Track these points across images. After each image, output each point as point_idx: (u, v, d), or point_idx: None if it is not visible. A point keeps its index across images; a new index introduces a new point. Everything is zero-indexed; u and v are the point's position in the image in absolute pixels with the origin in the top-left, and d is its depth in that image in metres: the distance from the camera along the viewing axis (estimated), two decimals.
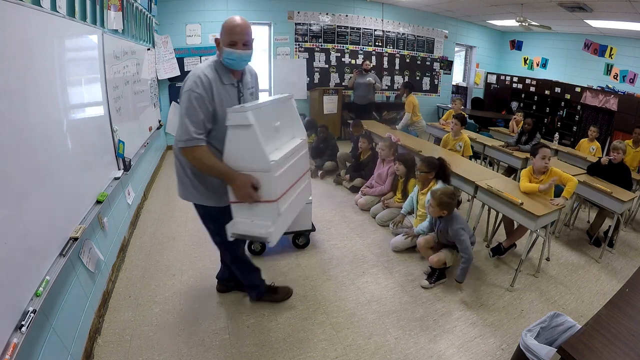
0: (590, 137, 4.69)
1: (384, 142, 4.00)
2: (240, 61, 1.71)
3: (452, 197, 2.58)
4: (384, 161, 3.98)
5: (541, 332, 1.84)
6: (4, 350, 1.16)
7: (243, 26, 1.68)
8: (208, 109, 1.65)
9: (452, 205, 2.57)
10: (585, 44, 7.04)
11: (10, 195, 1.29)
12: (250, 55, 1.74)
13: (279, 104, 1.91)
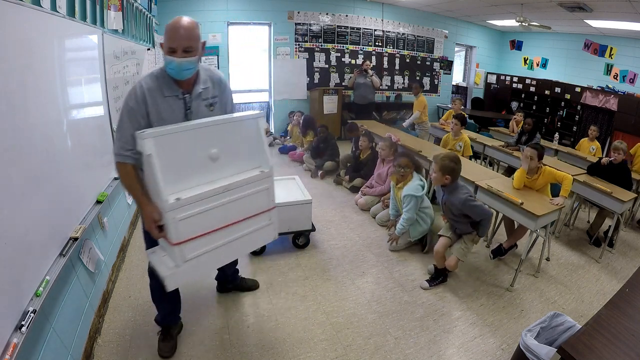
0: (590, 136, 4.69)
1: (384, 141, 4.00)
2: (181, 70, 1.45)
3: (456, 161, 2.42)
4: (384, 161, 3.98)
5: (541, 332, 1.84)
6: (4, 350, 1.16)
7: (186, 29, 1.42)
8: (140, 124, 1.46)
9: (456, 171, 2.41)
10: (585, 44, 7.04)
11: (10, 195, 1.29)
12: (194, 63, 1.47)
13: (230, 126, 1.53)
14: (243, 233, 1.58)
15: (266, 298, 2.46)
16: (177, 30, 1.41)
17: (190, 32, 1.43)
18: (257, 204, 1.59)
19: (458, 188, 2.47)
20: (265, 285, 2.60)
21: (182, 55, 1.42)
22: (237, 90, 6.46)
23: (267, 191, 1.60)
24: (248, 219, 1.57)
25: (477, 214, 2.41)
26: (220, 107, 1.67)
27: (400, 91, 7.77)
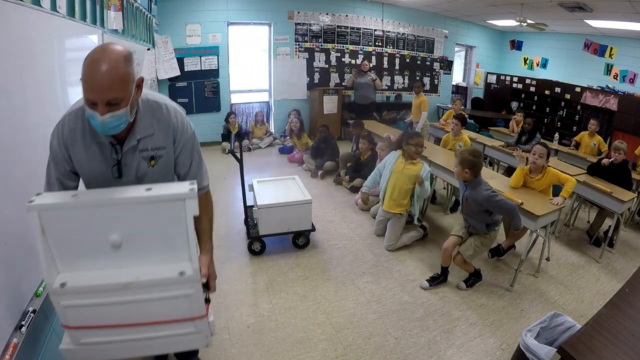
0: (590, 130, 4.61)
1: (383, 142, 4.00)
2: (105, 129, 1.03)
3: (476, 155, 2.37)
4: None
5: (541, 332, 1.84)
6: (4, 350, 1.16)
7: (106, 74, 0.98)
8: (65, 169, 1.18)
9: (477, 165, 2.36)
10: (585, 44, 7.04)
11: (10, 195, 1.29)
12: (123, 117, 1.04)
13: (140, 208, 1.08)
14: (154, 336, 1.21)
15: (266, 298, 2.46)
16: (93, 78, 0.99)
17: (113, 77, 0.99)
18: (174, 310, 1.18)
19: (481, 184, 2.41)
20: (265, 285, 2.60)
21: (105, 110, 1.00)
22: (237, 90, 6.46)
23: (189, 298, 1.16)
24: (161, 324, 1.19)
25: (503, 210, 2.38)
26: (166, 163, 1.21)
27: (400, 91, 7.77)
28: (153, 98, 1.19)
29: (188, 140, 1.25)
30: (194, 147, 1.27)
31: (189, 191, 1.08)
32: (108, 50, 1.01)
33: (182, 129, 1.23)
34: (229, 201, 4.03)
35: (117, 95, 1.01)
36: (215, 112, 6.21)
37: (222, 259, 2.90)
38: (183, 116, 1.25)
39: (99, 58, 0.99)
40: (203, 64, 5.97)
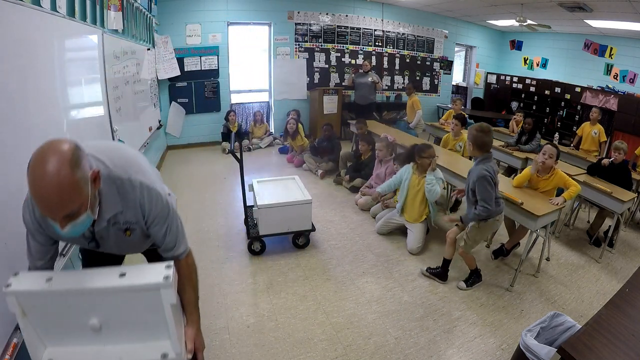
0: (592, 119, 4.58)
1: (381, 142, 4.00)
2: (71, 234, 0.97)
3: (485, 131, 2.33)
4: (382, 161, 3.98)
5: (541, 332, 1.83)
6: (4, 350, 1.16)
7: (55, 194, 0.87)
8: (44, 238, 1.13)
9: (480, 140, 2.32)
10: (585, 44, 7.04)
11: (10, 195, 1.29)
12: (85, 221, 0.97)
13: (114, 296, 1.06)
14: None
15: (266, 298, 2.46)
16: (41, 197, 0.87)
17: (62, 193, 0.87)
18: None
19: (485, 161, 2.35)
20: (265, 285, 2.60)
21: (64, 222, 0.92)
22: (237, 90, 6.46)
23: None
24: None
25: (480, 196, 2.32)
26: (142, 232, 1.21)
27: (400, 91, 7.77)
28: (116, 173, 1.08)
29: (159, 214, 1.16)
30: (167, 217, 1.19)
31: (163, 280, 1.04)
32: (49, 160, 0.86)
33: (151, 205, 1.14)
34: (229, 201, 4.03)
35: (72, 208, 0.91)
36: (215, 112, 6.21)
37: (222, 259, 2.90)
38: (150, 189, 1.13)
39: (42, 175, 0.85)
40: (203, 64, 5.97)
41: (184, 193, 4.25)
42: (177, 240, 1.26)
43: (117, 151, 1.18)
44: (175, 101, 5.90)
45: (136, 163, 1.18)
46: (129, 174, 1.10)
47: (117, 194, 1.09)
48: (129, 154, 1.22)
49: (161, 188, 1.20)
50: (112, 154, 1.13)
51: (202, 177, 4.83)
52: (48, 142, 0.90)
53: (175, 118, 5.96)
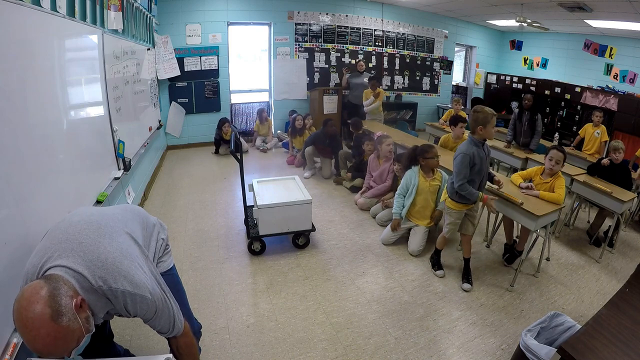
0: (595, 121, 4.56)
1: (386, 140, 3.92)
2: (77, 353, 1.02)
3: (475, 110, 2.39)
4: (380, 159, 3.95)
5: (541, 332, 1.83)
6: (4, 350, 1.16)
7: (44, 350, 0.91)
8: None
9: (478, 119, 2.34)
10: (585, 44, 7.04)
11: (10, 195, 1.29)
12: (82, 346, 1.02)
13: None
14: None
15: (266, 298, 2.46)
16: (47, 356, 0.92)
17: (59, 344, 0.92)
18: None
19: (474, 143, 2.39)
20: (265, 285, 2.60)
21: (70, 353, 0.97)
22: (237, 90, 6.46)
23: None
24: None
25: (454, 169, 2.41)
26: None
27: (400, 91, 7.78)
28: (97, 285, 1.06)
29: (147, 314, 1.17)
30: (155, 313, 1.19)
31: None
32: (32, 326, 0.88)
33: (136, 309, 1.14)
34: (229, 201, 4.04)
35: (73, 346, 0.96)
36: (215, 112, 6.21)
37: (222, 259, 2.90)
38: (133, 295, 1.11)
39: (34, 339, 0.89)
40: (203, 64, 5.97)
41: (184, 193, 4.25)
42: (170, 325, 1.27)
43: (94, 254, 1.10)
44: (175, 101, 5.90)
45: (115, 264, 1.11)
46: (109, 284, 1.08)
47: (105, 298, 1.09)
48: (108, 254, 1.12)
49: (145, 287, 1.14)
50: (89, 258, 1.08)
51: (202, 177, 4.84)
52: (21, 304, 0.90)
53: (175, 118, 5.96)
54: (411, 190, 3.14)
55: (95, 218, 1.21)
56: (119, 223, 1.25)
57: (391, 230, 3.20)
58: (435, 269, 2.82)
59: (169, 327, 1.28)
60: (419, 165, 3.16)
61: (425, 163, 3.09)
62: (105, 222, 1.21)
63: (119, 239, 1.18)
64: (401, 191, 3.21)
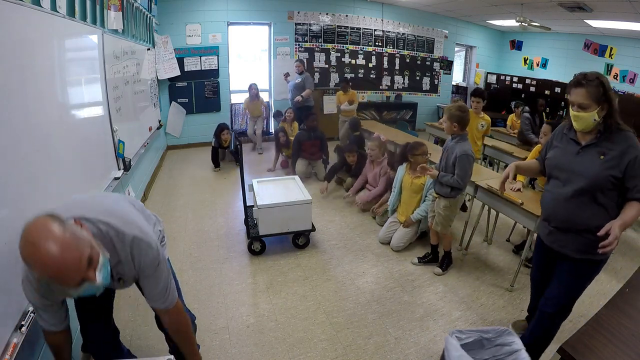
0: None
1: (372, 142, 3.89)
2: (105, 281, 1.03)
3: (463, 110, 2.51)
4: (374, 162, 3.86)
5: (485, 344, 1.73)
6: (4, 350, 1.16)
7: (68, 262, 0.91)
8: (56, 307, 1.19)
9: (464, 120, 2.50)
10: (585, 44, 7.04)
11: (10, 195, 1.29)
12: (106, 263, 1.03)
13: None
14: None
15: (266, 298, 2.46)
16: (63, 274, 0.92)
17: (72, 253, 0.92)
18: None
19: (466, 141, 2.52)
20: (265, 285, 2.60)
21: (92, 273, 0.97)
22: (237, 90, 6.45)
23: None
24: None
25: (459, 172, 2.45)
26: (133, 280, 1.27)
27: (400, 91, 7.78)
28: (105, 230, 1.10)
29: (150, 264, 1.18)
30: (157, 268, 1.20)
31: None
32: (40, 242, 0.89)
33: (140, 256, 1.16)
34: (229, 201, 4.03)
35: (87, 257, 0.95)
36: (216, 112, 6.21)
37: (222, 259, 2.90)
38: (140, 240, 1.15)
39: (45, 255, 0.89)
40: (203, 64, 5.97)
41: (184, 193, 4.25)
42: (166, 292, 1.26)
43: (102, 206, 1.18)
44: (175, 101, 5.90)
45: (120, 213, 1.17)
46: (117, 228, 1.11)
47: (113, 247, 1.11)
48: (112, 205, 1.23)
49: (151, 237, 1.19)
50: (97, 210, 1.15)
51: (202, 177, 4.84)
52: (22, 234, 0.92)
53: (175, 118, 5.96)
54: (397, 182, 3.26)
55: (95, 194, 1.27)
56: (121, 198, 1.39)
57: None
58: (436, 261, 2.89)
59: (163, 295, 1.26)
60: (408, 161, 3.18)
61: (413, 160, 3.09)
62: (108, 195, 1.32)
63: (124, 204, 1.31)
64: (394, 184, 3.34)
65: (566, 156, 1.64)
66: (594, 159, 1.53)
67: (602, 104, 1.49)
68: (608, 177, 1.49)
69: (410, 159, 3.13)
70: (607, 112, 1.50)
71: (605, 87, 1.47)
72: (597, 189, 1.52)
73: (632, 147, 1.48)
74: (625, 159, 1.47)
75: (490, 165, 4.99)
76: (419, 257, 2.95)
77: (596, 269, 1.77)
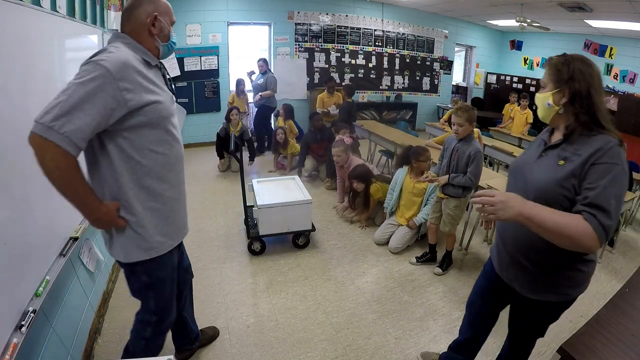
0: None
1: (337, 147, 3.67)
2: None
3: (473, 107, 2.58)
4: (342, 167, 3.74)
5: None
6: (4, 350, 1.16)
7: None
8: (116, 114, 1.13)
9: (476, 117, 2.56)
10: (585, 44, 7.04)
11: (10, 196, 1.29)
12: None
13: None
14: None
15: (266, 298, 2.46)
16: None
17: None
18: None
19: (474, 140, 2.54)
20: (265, 285, 2.60)
21: None
22: None
23: None
24: None
25: (474, 170, 2.46)
26: None
27: (400, 91, 7.78)
28: None
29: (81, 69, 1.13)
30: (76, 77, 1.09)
31: None
32: None
33: None
34: (229, 201, 4.03)
35: None
36: (216, 112, 6.21)
37: (222, 259, 2.90)
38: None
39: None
40: (203, 64, 5.97)
41: None
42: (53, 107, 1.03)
43: None
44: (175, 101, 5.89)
45: None
46: None
47: None
48: None
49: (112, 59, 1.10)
50: None
51: (202, 177, 4.83)
52: None
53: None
54: (397, 185, 3.24)
55: None
56: None
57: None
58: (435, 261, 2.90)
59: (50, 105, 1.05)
60: (410, 165, 3.16)
61: (417, 165, 3.08)
62: None
63: None
64: (392, 185, 3.32)
65: (528, 159, 1.31)
66: (550, 164, 1.18)
67: (563, 88, 1.16)
68: (559, 191, 1.11)
69: (413, 164, 3.11)
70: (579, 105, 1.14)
71: (572, 69, 1.14)
72: (548, 205, 1.09)
73: (600, 151, 1.07)
74: (586, 166, 1.08)
75: (491, 165, 4.99)
76: (417, 256, 2.96)
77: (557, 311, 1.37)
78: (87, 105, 1.03)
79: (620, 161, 1.07)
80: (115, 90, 1.07)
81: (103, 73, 1.05)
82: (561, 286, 1.27)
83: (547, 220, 1.03)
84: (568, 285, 1.28)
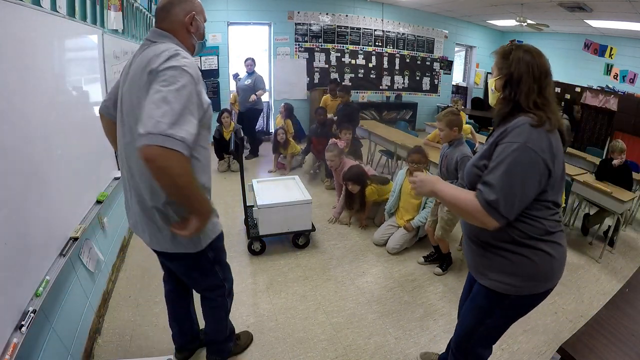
0: None
1: (330, 151, 3.65)
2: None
3: (456, 112, 2.52)
4: (337, 171, 3.71)
5: None
6: (4, 350, 1.16)
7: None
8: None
9: (461, 122, 2.49)
10: (585, 44, 7.04)
11: (10, 196, 1.29)
12: None
13: None
14: None
15: (266, 298, 2.46)
16: None
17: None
18: None
19: (463, 145, 2.51)
20: (265, 285, 2.60)
21: None
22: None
23: None
24: None
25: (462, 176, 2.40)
26: None
27: (400, 91, 7.78)
28: None
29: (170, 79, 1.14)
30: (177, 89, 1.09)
31: None
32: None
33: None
34: (229, 201, 4.03)
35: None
36: (216, 112, 6.20)
37: None
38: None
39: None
40: (203, 64, 5.97)
41: None
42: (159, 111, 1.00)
43: None
44: None
45: None
46: None
47: None
48: None
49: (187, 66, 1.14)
50: None
51: None
52: None
53: None
54: (396, 186, 3.24)
55: None
56: None
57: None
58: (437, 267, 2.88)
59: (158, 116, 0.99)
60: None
61: (409, 166, 3.05)
62: None
63: None
64: (393, 186, 3.33)
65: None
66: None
67: (503, 75, 1.22)
68: (474, 171, 1.17)
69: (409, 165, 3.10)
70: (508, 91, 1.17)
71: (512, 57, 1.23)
72: (471, 186, 1.18)
73: (506, 131, 1.10)
74: (492, 147, 1.13)
75: None
76: (424, 256, 2.96)
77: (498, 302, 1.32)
78: (188, 110, 1.07)
79: (523, 139, 1.06)
80: (198, 94, 1.14)
81: (190, 79, 1.10)
82: (502, 272, 1.20)
83: (448, 195, 1.17)
84: (510, 273, 1.19)
